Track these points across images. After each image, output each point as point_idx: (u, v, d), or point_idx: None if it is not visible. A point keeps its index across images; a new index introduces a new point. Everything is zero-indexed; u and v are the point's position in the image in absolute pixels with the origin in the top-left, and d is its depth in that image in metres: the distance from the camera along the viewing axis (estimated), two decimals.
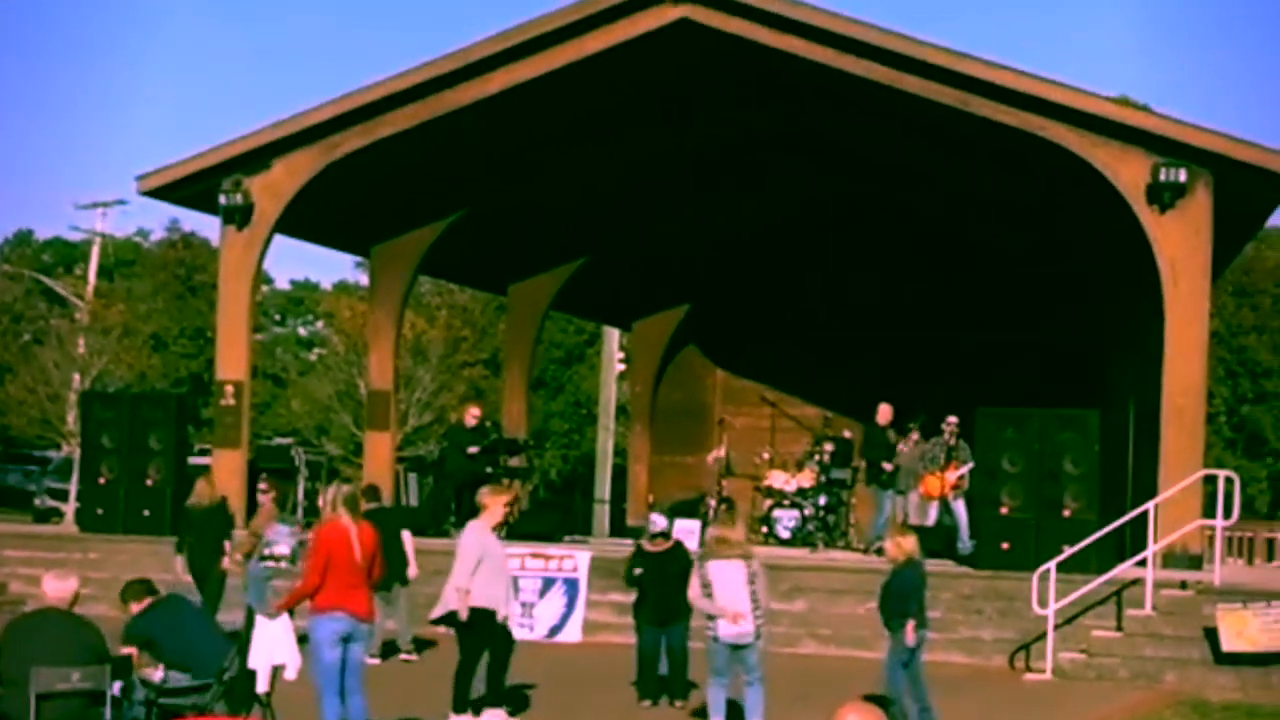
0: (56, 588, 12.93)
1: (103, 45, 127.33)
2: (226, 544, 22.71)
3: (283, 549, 18.18)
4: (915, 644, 17.53)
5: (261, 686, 13.92)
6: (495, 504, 17.28)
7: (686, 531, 25.77)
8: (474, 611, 16.77)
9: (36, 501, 43.19)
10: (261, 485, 23.96)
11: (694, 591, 16.65)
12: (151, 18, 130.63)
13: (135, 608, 13.98)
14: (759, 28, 26.15)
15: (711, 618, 16.42)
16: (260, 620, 14.25)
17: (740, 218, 36.12)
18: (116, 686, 12.71)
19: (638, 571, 19.34)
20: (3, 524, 35.11)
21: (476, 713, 16.79)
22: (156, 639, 13.54)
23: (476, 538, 16.99)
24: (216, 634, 14.23)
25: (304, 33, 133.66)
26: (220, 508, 23.49)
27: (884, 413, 29.13)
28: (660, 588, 19.08)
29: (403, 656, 21.70)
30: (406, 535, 22.10)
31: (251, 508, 27.63)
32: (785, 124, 31.58)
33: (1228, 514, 23.14)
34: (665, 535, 19.56)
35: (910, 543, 18.21)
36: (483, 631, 16.96)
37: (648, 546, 19.51)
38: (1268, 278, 61.40)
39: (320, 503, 36.22)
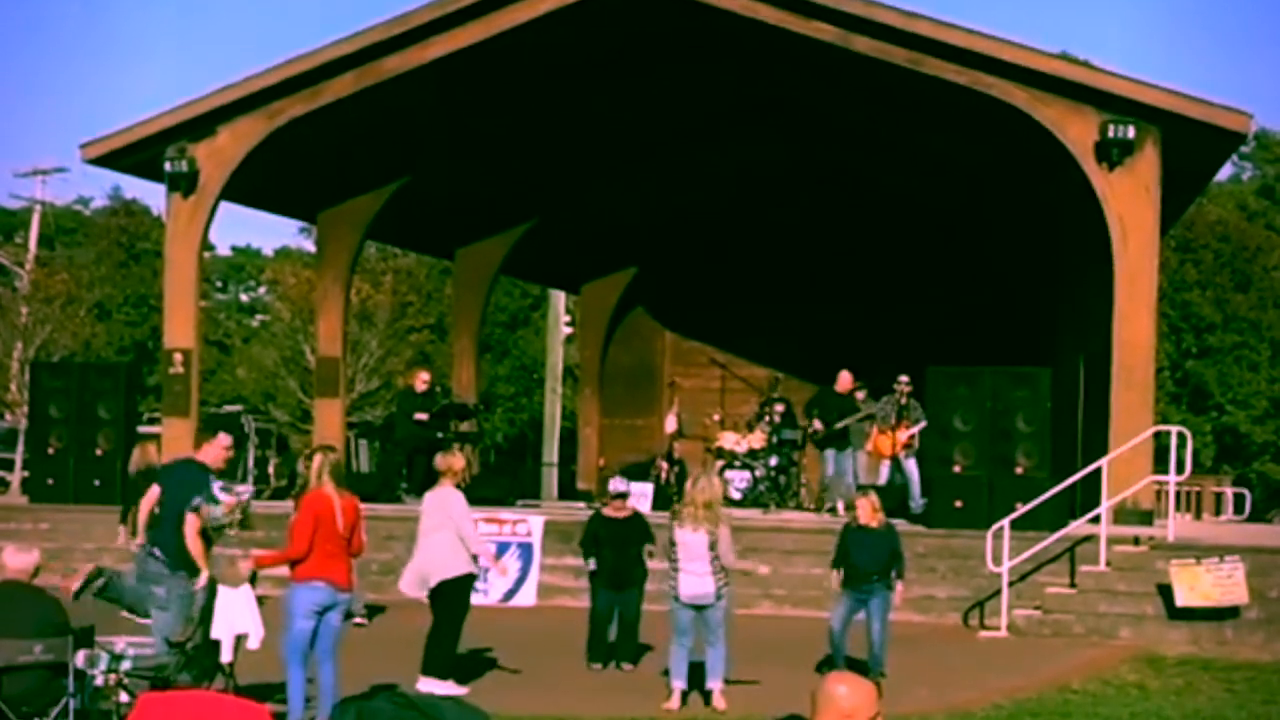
0: (18, 560, 12.82)
1: (39, 12, 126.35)
2: None
3: (217, 513, 17.81)
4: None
5: (225, 656, 13.87)
6: (456, 466, 17.33)
7: (639, 494, 25.80)
8: (456, 578, 16.93)
9: None
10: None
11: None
12: None
13: None
14: None
15: (674, 575, 16.48)
16: (222, 590, 14.17)
17: (689, 180, 36.06)
18: (80, 658, 12.64)
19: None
20: None
21: (444, 678, 16.81)
22: None
23: (457, 500, 17.10)
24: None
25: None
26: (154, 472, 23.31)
27: (844, 380, 29.11)
28: (617, 553, 19.11)
29: (356, 621, 21.62)
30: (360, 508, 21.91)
31: None
32: (734, 86, 31.53)
33: (1179, 470, 23.30)
34: (624, 497, 19.58)
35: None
36: (460, 595, 17.07)
37: (607, 511, 19.50)
38: (1210, 233, 61.68)
39: (270, 470, 36.24)
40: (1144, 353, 24.83)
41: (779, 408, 30.08)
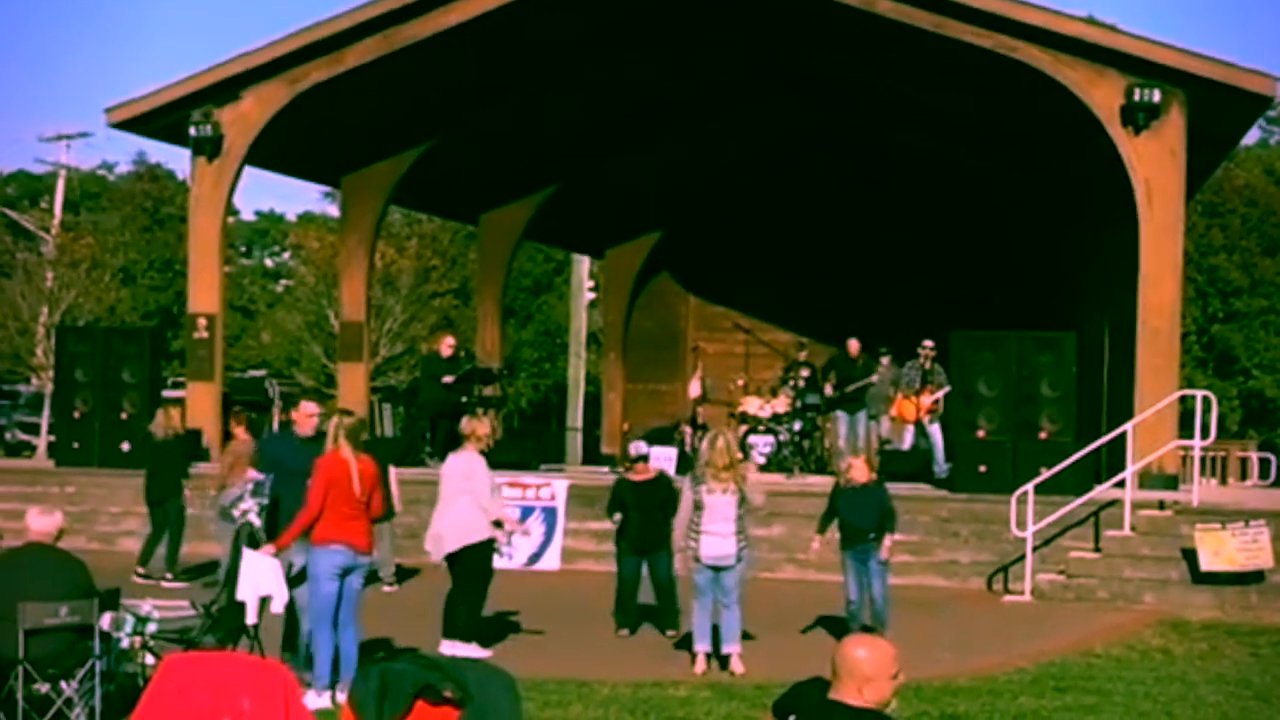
0: (41, 523, 12.84)
1: None
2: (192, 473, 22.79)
3: (248, 506, 18.20)
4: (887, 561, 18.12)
5: (250, 618, 13.89)
6: (481, 431, 17.29)
7: (664, 459, 25.79)
8: (477, 544, 16.93)
9: (7, 435, 43.02)
10: (233, 420, 23.89)
11: (684, 511, 16.67)
12: None
13: None
14: None
15: (695, 536, 16.44)
16: (247, 553, 14.20)
17: (712, 145, 36.02)
18: (105, 620, 12.68)
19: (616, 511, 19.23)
20: None
21: (467, 641, 16.84)
22: None
23: (479, 465, 17.08)
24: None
25: None
26: (181, 440, 23.36)
27: (853, 346, 29.25)
28: (643, 516, 19.03)
29: (385, 588, 21.70)
30: (392, 471, 21.90)
31: (227, 440, 27.67)
32: (758, 51, 31.45)
33: (1204, 434, 23.26)
34: (645, 459, 19.52)
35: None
36: (482, 561, 17.04)
37: (631, 476, 19.44)
38: (1237, 197, 61.45)
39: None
40: (1170, 317, 24.79)
41: (803, 372, 30.07)
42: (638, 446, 19.88)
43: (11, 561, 12.84)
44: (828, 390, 29.04)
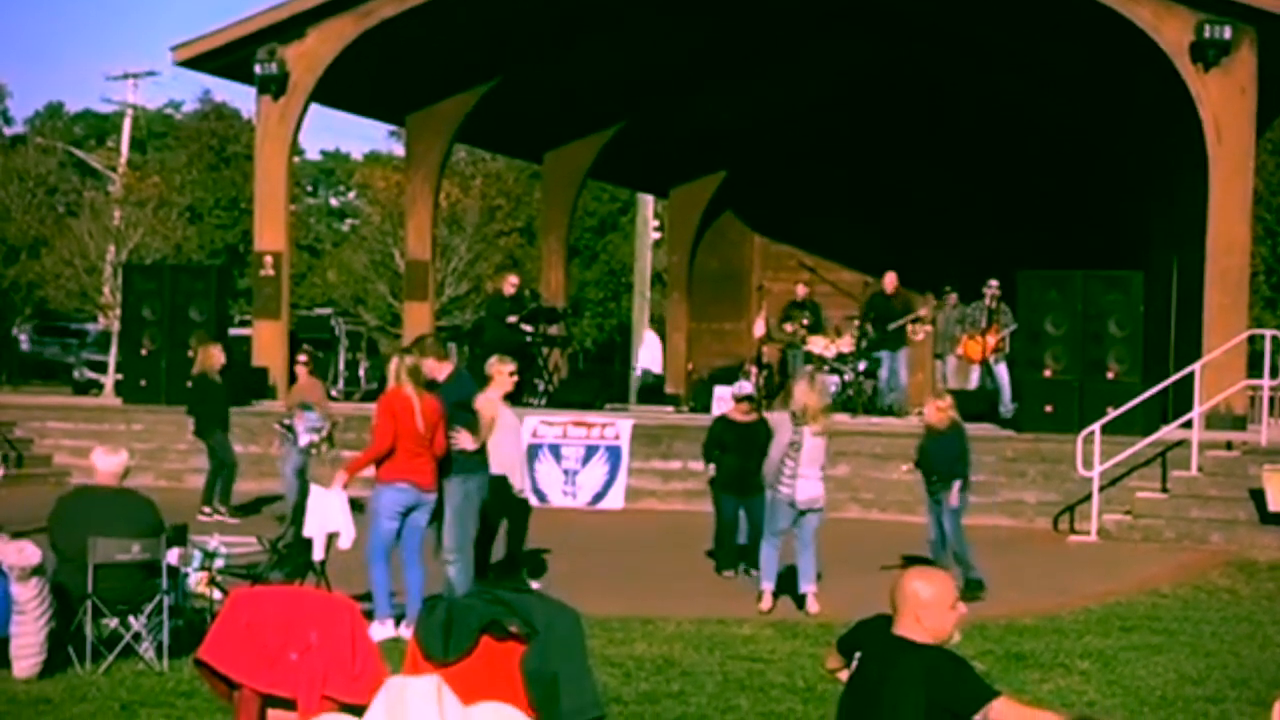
0: (107, 462, 12.92)
1: None
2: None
3: (305, 439, 18.32)
4: (961, 505, 17.65)
5: (317, 554, 13.95)
6: (501, 374, 17.02)
7: (725, 399, 25.72)
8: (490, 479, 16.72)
9: (75, 374, 43.32)
10: (301, 357, 23.91)
11: (776, 452, 16.49)
12: None
13: None
14: None
15: (790, 478, 16.28)
16: (315, 489, 14.23)
17: (778, 84, 35.82)
18: (173, 556, 12.77)
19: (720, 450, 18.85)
20: (45, 396, 35.26)
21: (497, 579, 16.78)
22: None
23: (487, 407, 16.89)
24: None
25: None
26: (222, 376, 23.30)
27: (889, 280, 29.13)
28: (742, 458, 18.55)
29: None
30: None
31: (293, 379, 27.80)
32: None
33: (1274, 374, 23.14)
34: (750, 400, 19.11)
35: (950, 405, 18.17)
36: (500, 498, 16.74)
37: (732, 415, 19.07)
38: None
39: (360, 373, 36.47)
40: (1239, 256, 24.64)
41: (804, 320, 29.88)
42: (743, 385, 19.60)
43: (81, 499, 12.93)
44: (867, 329, 28.97)
